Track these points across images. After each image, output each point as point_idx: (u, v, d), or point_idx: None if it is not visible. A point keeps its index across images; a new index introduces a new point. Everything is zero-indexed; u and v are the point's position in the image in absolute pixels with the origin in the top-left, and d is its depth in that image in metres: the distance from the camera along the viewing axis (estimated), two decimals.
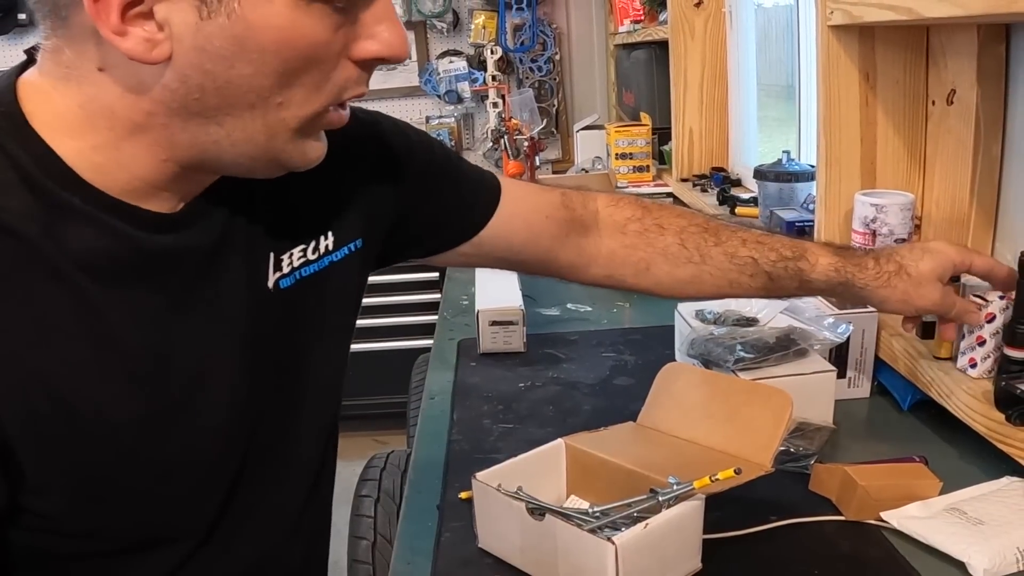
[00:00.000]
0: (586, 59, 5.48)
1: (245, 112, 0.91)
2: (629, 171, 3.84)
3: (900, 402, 1.67)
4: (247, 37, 0.86)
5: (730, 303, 1.83)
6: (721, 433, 1.34)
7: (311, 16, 0.87)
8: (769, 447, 1.28)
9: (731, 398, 1.37)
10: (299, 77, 0.91)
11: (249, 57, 0.87)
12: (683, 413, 1.42)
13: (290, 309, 1.14)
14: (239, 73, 0.88)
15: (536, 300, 2.46)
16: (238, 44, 0.86)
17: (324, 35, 0.89)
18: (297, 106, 0.93)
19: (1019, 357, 1.37)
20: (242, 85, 0.89)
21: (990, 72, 1.67)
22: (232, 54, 0.87)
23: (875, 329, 1.70)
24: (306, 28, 0.88)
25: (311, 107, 0.94)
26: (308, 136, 0.98)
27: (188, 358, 1.01)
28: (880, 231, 1.74)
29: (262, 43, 0.87)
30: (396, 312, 4.79)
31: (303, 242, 1.15)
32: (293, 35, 0.87)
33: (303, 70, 0.90)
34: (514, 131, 4.50)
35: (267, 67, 0.88)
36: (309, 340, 1.19)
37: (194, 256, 1.02)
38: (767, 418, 1.30)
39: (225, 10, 0.84)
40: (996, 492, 1.32)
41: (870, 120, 1.89)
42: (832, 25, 1.83)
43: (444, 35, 5.32)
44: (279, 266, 1.12)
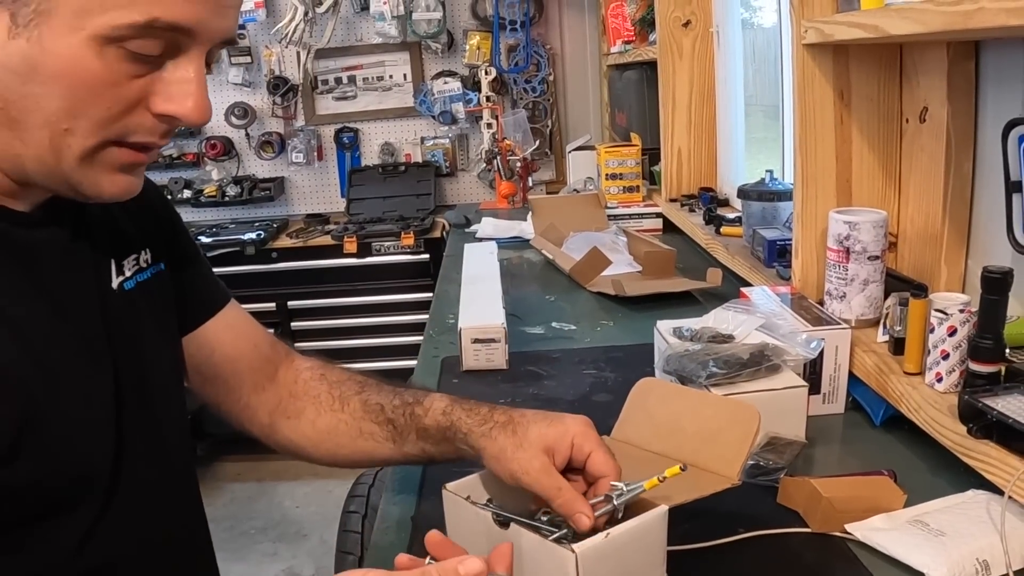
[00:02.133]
0: (579, 80, 5.51)
1: (36, 130, 0.99)
2: (619, 191, 3.85)
3: (873, 417, 1.69)
4: (41, 62, 0.95)
5: (708, 320, 1.84)
6: (690, 447, 1.36)
7: (103, 58, 0.95)
8: (736, 460, 1.29)
9: (701, 413, 1.39)
10: (84, 109, 0.98)
11: (40, 80, 0.95)
12: (655, 427, 1.43)
13: (134, 309, 1.24)
14: (31, 92, 0.96)
15: (522, 319, 2.49)
16: (30, 66, 0.95)
17: (111, 78, 0.97)
18: (81, 136, 0.99)
19: (984, 371, 1.40)
20: (32, 105, 0.97)
21: (960, 89, 1.69)
22: (25, 73, 0.95)
23: (848, 345, 1.72)
24: (92, 66, 0.96)
25: (94, 139, 1.00)
26: (99, 167, 1.04)
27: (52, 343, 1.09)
28: (854, 248, 1.75)
29: (52, 71, 0.95)
30: (389, 332, 4.81)
31: (134, 252, 1.27)
32: (78, 69, 0.95)
33: (89, 104, 0.98)
34: (507, 152, 4.54)
35: (55, 93, 0.96)
36: (153, 337, 1.29)
37: (54, 251, 1.13)
38: (735, 432, 1.32)
39: (27, 34, 0.94)
40: (960, 504, 1.34)
41: (845, 138, 1.91)
42: (807, 44, 1.86)
43: (439, 56, 5.34)
44: (121, 270, 1.24)
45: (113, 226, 1.24)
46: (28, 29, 0.94)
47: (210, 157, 5.31)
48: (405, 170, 5.37)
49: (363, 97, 5.40)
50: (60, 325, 1.11)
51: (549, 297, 2.77)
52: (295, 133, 5.35)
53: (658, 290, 2.60)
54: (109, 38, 0.95)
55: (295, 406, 1.49)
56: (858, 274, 1.77)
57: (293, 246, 4.84)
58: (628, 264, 2.96)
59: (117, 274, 1.23)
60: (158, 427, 1.28)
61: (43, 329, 1.08)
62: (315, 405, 1.48)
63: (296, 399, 1.50)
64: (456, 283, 2.75)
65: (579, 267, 2.84)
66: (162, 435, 1.30)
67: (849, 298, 1.79)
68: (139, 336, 1.25)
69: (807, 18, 1.86)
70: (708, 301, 2.52)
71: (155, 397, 1.28)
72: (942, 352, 1.46)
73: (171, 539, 1.31)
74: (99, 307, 1.18)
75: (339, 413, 1.46)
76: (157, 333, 1.31)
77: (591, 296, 2.74)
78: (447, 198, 5.51)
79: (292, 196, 5.52)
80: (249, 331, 1.52)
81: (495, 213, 4.23)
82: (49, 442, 1.07)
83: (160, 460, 1.28)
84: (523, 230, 3.70)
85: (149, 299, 1.29)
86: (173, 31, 0.98)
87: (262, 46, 5.24)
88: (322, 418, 1.47)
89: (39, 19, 0.94)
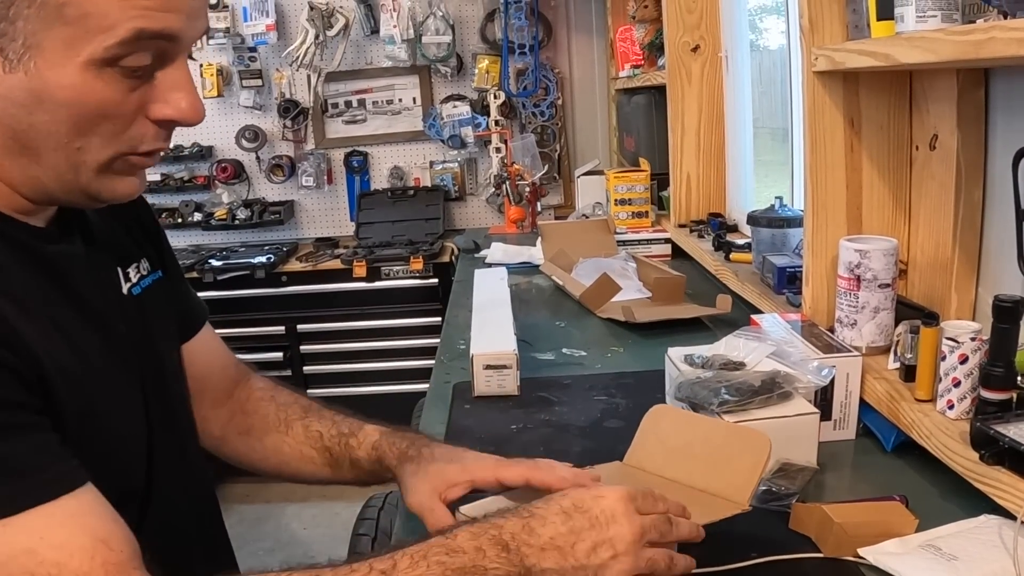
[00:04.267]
0: (588, 104, 5.52)
1: (51, 154, 1.06)
2: (628, 217, 3.86)
3: (884, 443, 1.69)
4: (43, 92, 1.01)
5: (719, 347, 1.85)
6: (702, 473, 1.38)
7: (102, 79, 1.02)
8: (747, 486, 1.31)
9: (712, 440, 1.40)
10: (93, 129, 1.05)
11: (45, 108, 1.02)
12: (667, 453, 1.45)
13: (143, 312, 1.32)
14: (39, 120, 1.03)
15: (532, 345, 2.49)
16: (35, 97, 1.01)
17: (114, 96, 1.04)
18: (95, 152, 1.07)
19: (995, 399, 1.40)
20: (42, 131, 1.04)
21: (970, 117, 1.70)
22: (30, 104, 1.02)
23: (859, 373, 1.72)
24: (96, 90, 1.02)
25: (108, 153, 1.08)
26: (115, 174, 1.12)
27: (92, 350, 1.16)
28: (864, 276, 1.76)
29: (56, 99, 1.02)
30: (398, 356, 4.81)
31: (134, 261, 1.36)
32: (83, 95, 1.02)
33: (96, 123, 1.05)
34: (516, 176, 4.54)
35: (61, 118, 1.03)
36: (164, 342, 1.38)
37: (74, 262, 1.19)
38: (746, 459, 1.33)
39: (23, 67, 1.00)
40: (972, 529, 1.34)
41: (855, 166, 1.92)
42: (817, 71, 1.87)
43: (448, 79, 5.36)
44: (127, 277, 1.32)
45: (113, 237, 1.32)
46: (23, 63, 1.00)
47: (221, 180, 5.32)
48: (414, 194, 5.38)
49: (372, 120, 5.42)
50: (93, 333, 1.17)
51: (559, 323, 2.78)
52: (305, 156, 5.36)
53: (668, 316, 2.61)
54: (105, 60, 1.01)
55: (245, 423, 1.59)
56: (869, 302, 1.77)
57: (303, 270, 4.85)
58: (638, 290, 2.97)
59: (125, 280, 1.31)
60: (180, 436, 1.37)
61: (83, 335, 1.15)
62: (263, 424, 1.58)
63: (247, 416, 1.59)
64: (466, 309, 2.76)
65: (589, 293, 2.85)
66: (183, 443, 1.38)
67: (860, 326, 1.80)
68: (153, 340, 1.34)
69: (817, 45, 1.88)
70: (718, 327, 2.52)
71: (173, 402, 1.37)
72: (953, 380, 1.47)
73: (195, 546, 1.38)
74: (120, 313, 1.26)
75: (283, 435, 1.56)
76: (166, 338, 1.40)
77: (601, 322, 2.75)
78: (456, 222, 5.52)
79: (302, 220, 5.53)
80: (220, 351, 1.63)
81: (504, 238, 4.23)
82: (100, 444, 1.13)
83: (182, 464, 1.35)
84: (532, 255, 3.70)
85: (154, 304, 1.36)
86: (159, 39, 1.04)
87: (273, 69, 5.26)
88: (269, 437, 1.57)
89: (30, 52, 0.99)
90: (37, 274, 1.12)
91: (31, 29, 0.99)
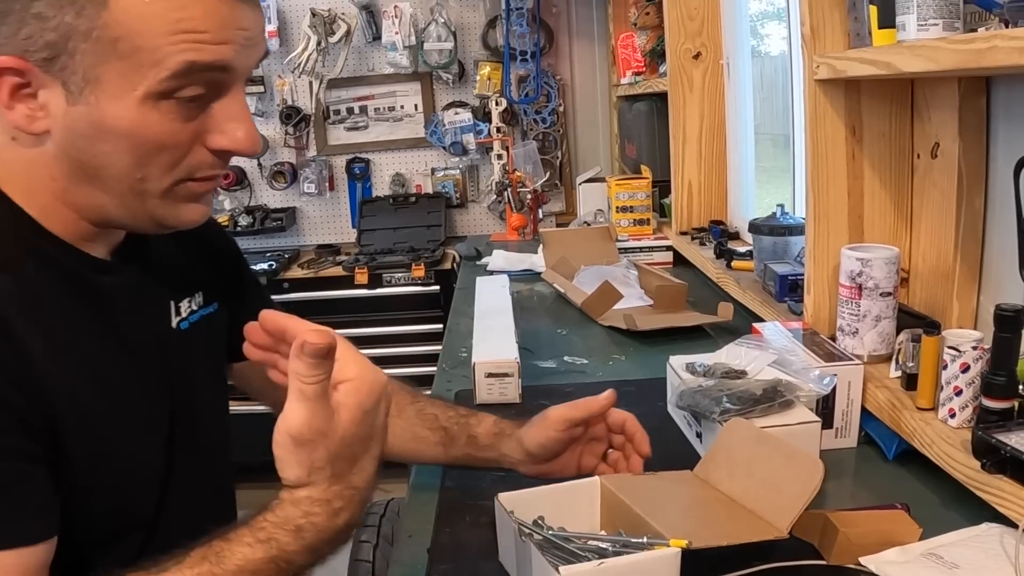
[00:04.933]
0: (589, 111, 5.53)
1: (115, 182, 1.12)
2: (629, 224, 3.86)
3: (886, 451, 1.69)
4: (103, 124, 1.07)
5: (721, 355, 1.85)
6: (754, 492, 1.39)
7: (158, 111, 1.07)
8: (790, 513, 1.31)
9: (772, 461, 1.40)
10: (152, 159, 1.11)
11: (106, 139, 1.08)
12: (731, 469, 1.46)
13: (188, 347, 1.36)
14: (101, 151, 1.09)
15: (534, 352, 2.49)
16: (96, 128, 1.07)
17: (171, 127, 1.09)
18: (156, 180, 1.13)
19: (997, 407, 1.40)
20: (105, 161, 1.10)
21: (971, 125, 1.70)
22: (93, 136, 1.08)
23: (861, 381, 1.72)
24: (154, 122, 1.08)
25: (168, 181, 1.14)
26: (179, 200, 1.17)
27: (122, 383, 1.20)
28: (866, 285, 1.76)
29: (116, 130, 1.07)
30: (399, 363, 4.79)
31: (188, 295, 1.39)
32: (142, 127, 1.07)
33: (155, 154, 1.10)
34: (517, 183, 4.54)
35: (122, 149, 1.09)
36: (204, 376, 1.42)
37: (124, 294, 1.24)
38: (796, 485, 1.33)
39: (85, 100, 1.06)
40: (974, 538, 1.34)
41: (857, 174, 1.92)
42: (819, 79, 1.87)
43: (450, 86, 5.37)
44: (178, 311, 1.36)
45: (173, 268, 1.36)
46: (84, 96, 1.06)
47: (223, 187, 5.32)
48: (416, 201, 5.39)
49: (374, 127, 5.43)
50: (128, 366, 1.21)
51: (561, 331, 2.78)
52: (307, 163, 5.37)
53: (670, 324, 2.61)
54: (160, 93, 1.06)
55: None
56: (870, 310, 1.78)
57: (304, 277, 4.86)
58: (639, 298, 2.97)
59: (175, 315, 1.36)
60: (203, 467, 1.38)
61: (115, 369, 1.19)
62: None
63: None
64: (468, 316, 2.76)
65: (591, 301, 2.85)
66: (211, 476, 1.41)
67: (861, 334, 1.80)
68: (192, 374, 1.37)
69: (819, 53, 1.88)
70: (719, 335, 2.52)
71: (201, 438, 1.38)
72: (955, 388, 1.47)
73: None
74: (159, 347, 1.29)
75: (395, 418, 1.56)
76: (208, 372, 1.43)
77: (603, 330, 2.75)
78: (457, 229, 5.53)
79: (304, 226, 5.54)
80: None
81: (505, 245, 4.23)
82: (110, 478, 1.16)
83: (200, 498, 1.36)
84: (534, 263, 3.70)
85: (201, 339, 1.40)
86: (211, 71, 1.08)
87: (275, 76, 5.27)
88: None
89: (90, 86, 1.05)
90: (81, 305, 1.17)
91: (89, 63, 1.04)
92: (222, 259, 1.54)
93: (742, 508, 1.39)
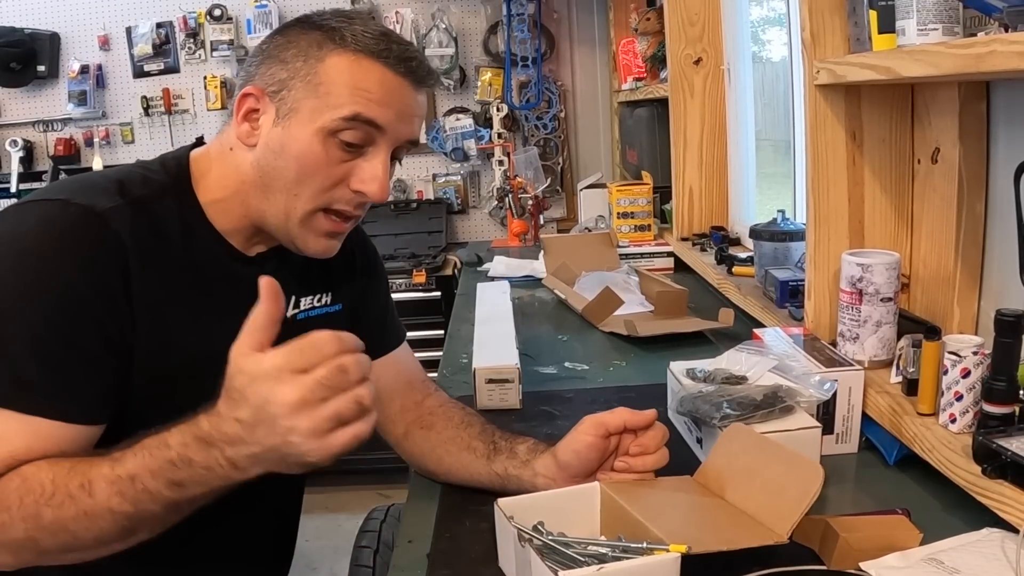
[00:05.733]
0: (590, 117, 5.53)
1: (278, 194, 1.45)
2: (630, 230, 3.86)
3: (886, 457, 1.69)
4: (287, 144, 1.43)
5: (721, 361, 1.85)
6: (754, 498, 1.38)
7: (324, 145, 1.42)
8: (790, 518, 1.30)
9: (773, 466, 1.40)
10: (307, 180, 1.44)
11: (285, 155, 1.43)
12: (731, 474, 1.46)
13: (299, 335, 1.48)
14: (278, 164, 1.44)
15: (534, 358, 2.49)
16: (282, 146, 1.43)
17: (328, 160, 1.43)
18: (305, 200, 1.45)
19: (997, 412, 1.40)
20: (279, 175, 1.44)
21: (971, 130, 1.70)
22: (278, 151, 1.44)
23: (861, 387, 1.72)
24: (319, 152, 1.42)
25: (313, 204, 1.45)
26: (311, 229, 1.48)
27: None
28: (866, 290, 1.76)
29: (292, 150, 1.43)
30: None
31: (314, 293, 1.71)
32: (310, 152, 1.42)
33: (311, 177, 1.44)
34: (518, 189, 4.54)
35: (292, 168, 1.43)
36: None
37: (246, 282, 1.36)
38: (796, 490, 1.32)
39: (283, 124, 1.43)
40: (975, 543, 1.34)
41: (857, 179, 1.92)
42: (819, 84, 1.87)
43: (451, 92, 5.37)
44: (297, 304, 1.67)
45: (308, 269, 1.66)
46: (285, 120, 1.43)
47: None
48: (417, 207, 5.39)
49: None
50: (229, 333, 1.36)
51: (561, 337, 2.78)
52: None
53: (670, 330, 2.61)
54: (331, 130, 1.41)
55: (430, 420, 1.78)
56: (871, 316, 1.77)
57: None
58: (640, 304, 2.97)
59: (294, 307, 1.66)
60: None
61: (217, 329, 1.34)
62: (445, 420, 1.76)
63: (433, 416, 1.78)
64: (469, 323, 2.76)
65: (591, 307, 2.85)
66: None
67: (862, 340, 1.80)
68: None
69: (819, 59, 1.88)
70: (720, 341, 2.52)
71: None
72: (956, 393, 1.47)
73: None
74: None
75: (460, 430, 1.72)
76: None
77: (603, 336, 2.75)
78: (459, 235, 5.53)
79: None
80: (409, 370, 1.90)
81: (507, 251, 4.23)
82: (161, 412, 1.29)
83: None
84: (535, 269, 3.71)
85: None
86: (368, 125, 1.42)
87: None
88: (448, 431, 1.73)
89: (291, 114, 1.43)
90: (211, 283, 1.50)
91: (296, 97, 1.42)
92: (356, 268, 1.81)
93: (743, 513, 1.38)
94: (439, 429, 1.74)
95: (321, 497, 4.68)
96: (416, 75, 1.46)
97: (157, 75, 5.36)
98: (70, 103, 5.29)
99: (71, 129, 5.39)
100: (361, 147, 1.44)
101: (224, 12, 5.16)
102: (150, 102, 5.33)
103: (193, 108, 5.38)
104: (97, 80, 5.32)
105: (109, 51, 5.33)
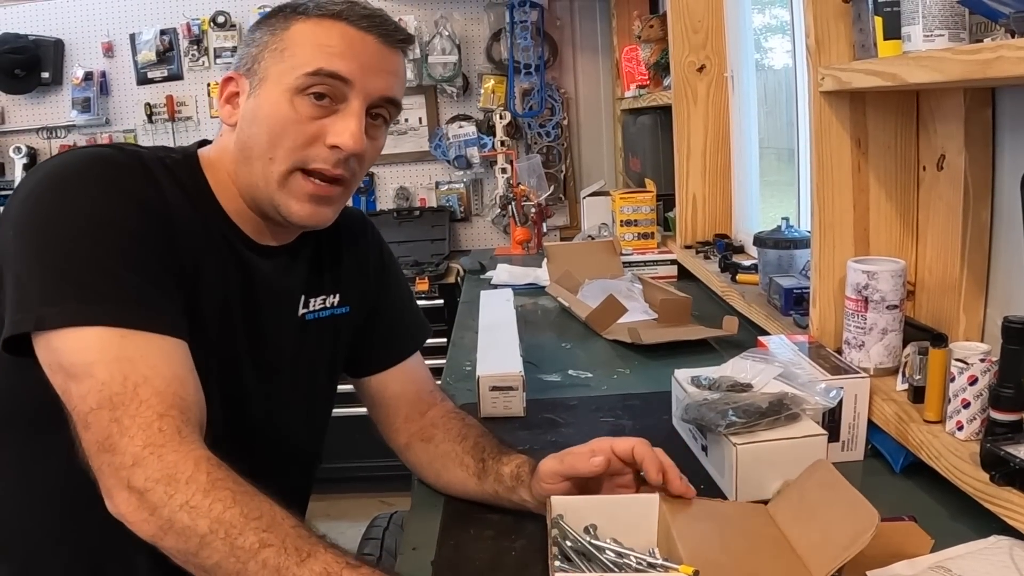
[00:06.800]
0: (594, 124, 5.53)
1: (256, 161, 1.46)
2: (634, 238, 3.85)
3: (893, 464, 1.68)
4: (257, 109, 1.45)
5: (726, 369, 1.85)
6: (808, 536, 1.35)
7: (292, 104, 1.43)
8: (829, 565, 1.26)
9: (836, 507, 1.35)
10: (279, 140, 1.44)
11: (257, 121, 1.45)
12: (799, 509, 1.42)
13: (304, 334, 1.68)
14: (252, 132, 1.46)
15: (538, 366, 2.49)
16: (252, 113, 1.46)
17: (298, 118, 1.43)
18: (280, 161, 1.45)
19: (1005, 419, 1.40)
20: (254, 142, 1.46)
21: (977, 137, 1.70)
22: (251, 118, 1.46)
23: (867, 394, 1.72)
24: (285, 110, 1.43)
25: (287, 163, 1.45)
26: (291, 194, 1.47)
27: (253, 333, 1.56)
28: (872, 297, 1.76)
29: (262, 114, 1.45)
30: None
31: (324, 293, 1.71)
32: (277, 112, 1.43)
33: (280, 136, 1.44)
34: (522, 197, 4.53)
35: (264, 131, 1.44)
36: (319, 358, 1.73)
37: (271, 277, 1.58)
38: (847, 534, 1.27)
39: (255, 94, 1.46)
40: (982, 550, 1.33)
41: (862, 186, 1.92)
42: (823, 91, 1.87)
43: (454, 100, 5.38)
44: (307, 304, 1.68)
45: (320, 269, 1.70)
46: (256, 90, 1.46)
47: None
48: (420, 215, 5.39)
49: None
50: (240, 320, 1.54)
51: (565, 344, 2.78)
52: None
53: (674, 338, 2.60)
54: (297, 88, 1.42)
55: (431, 432, 1.77)
56: (876, 323, 1.77)
57: None
58: (644, 312, 2.97)
59: (303, 306, 1.67)
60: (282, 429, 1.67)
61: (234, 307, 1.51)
62: (444, 432, 1.75)
63: (435, 428, 1.77)
64: (472, 330, 2.76)
65: (595, 315, 2.84)
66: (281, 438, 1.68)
67: (868, 347, 1.79)
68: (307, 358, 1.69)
69: (824, 65, 1.87)
70: (724, 349, 2.52)
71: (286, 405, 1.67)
72: (963, 401, 1.46)
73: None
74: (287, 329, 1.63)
75: (456, 444, 1.71)
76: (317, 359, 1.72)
77: (607, 344, 2.75)
78: (461, 243, 5.53)
79: None
80: (418, 379, 1.86)
81: (510, 259, 4.22)
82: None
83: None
84: (538, 276, 3.70)
85: (321, 331, 1.71)
86: (333, 78, 1.42)
87: None
88: (444, 444, 1.73)
89: (261, 84, 1.46)
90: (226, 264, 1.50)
91: (265, 67, 1.45)
92: (370, 271, 1.82)
93: (791, 551, 1.34)
94: (437, 442, 1.74)
95: (323, 505, 4.67)
96: (381, 29, 1.47)
97: (161, 82, 5.37)
98: (74, 110, 5.29)
99: (75, 136, 5.39)
100: (333, 104, 1.44)
101: (228, 19, 5.17)
102: (154, 109, 5.33)
103: (196, 115, 5.38)
104: (101, 87, 5.32)
105: (113, 58, 5.34)
